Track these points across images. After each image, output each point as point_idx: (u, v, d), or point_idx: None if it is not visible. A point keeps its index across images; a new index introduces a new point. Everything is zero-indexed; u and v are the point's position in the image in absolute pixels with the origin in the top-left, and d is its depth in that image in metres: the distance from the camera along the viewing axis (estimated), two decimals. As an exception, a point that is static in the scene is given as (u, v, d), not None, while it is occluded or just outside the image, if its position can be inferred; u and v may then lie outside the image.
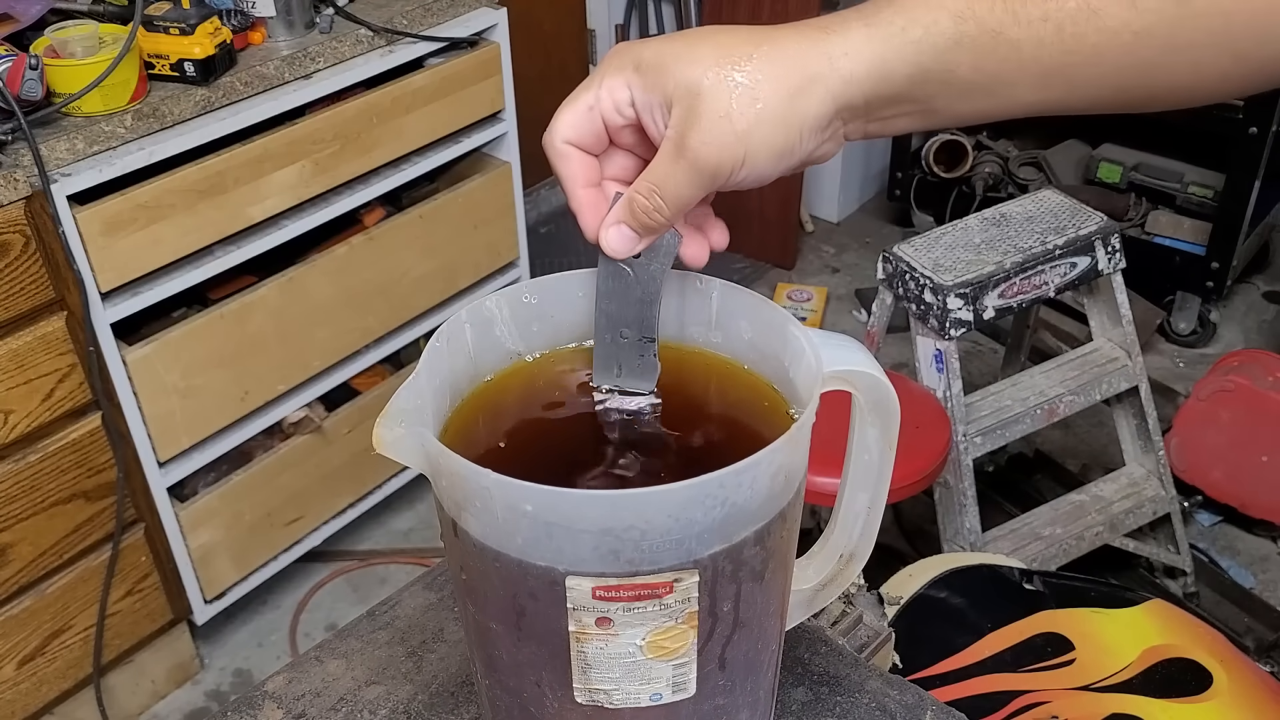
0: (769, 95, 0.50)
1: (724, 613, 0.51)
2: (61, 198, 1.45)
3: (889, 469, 0.60)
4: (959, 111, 0.53)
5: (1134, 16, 0.49)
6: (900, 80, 0.51)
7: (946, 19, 0.50)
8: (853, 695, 0.70)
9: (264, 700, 0.72)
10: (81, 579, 1.68)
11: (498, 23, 1.99)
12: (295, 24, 1.75)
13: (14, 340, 1.48)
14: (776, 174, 0.53)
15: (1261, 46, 0.49)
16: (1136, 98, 0.52)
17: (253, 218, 1.70)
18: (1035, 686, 1.18)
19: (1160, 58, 0.50)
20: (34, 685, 1.69)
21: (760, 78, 0.50)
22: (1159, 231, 2.60)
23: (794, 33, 0.52)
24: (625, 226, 0.55)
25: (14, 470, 1.54)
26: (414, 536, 2.24)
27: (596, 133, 0.55)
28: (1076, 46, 0.49)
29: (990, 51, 0.50)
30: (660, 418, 0.60)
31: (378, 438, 0.51)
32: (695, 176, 0.52)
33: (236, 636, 2.04)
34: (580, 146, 0.56)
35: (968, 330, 1.72)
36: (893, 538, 2.10)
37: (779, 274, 2.99)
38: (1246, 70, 0.50)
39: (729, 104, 0.50)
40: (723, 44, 0.51)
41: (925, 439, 1.62)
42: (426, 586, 0.80)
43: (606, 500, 0.47)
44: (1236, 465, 2.05)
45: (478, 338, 0.60)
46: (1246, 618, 2.01)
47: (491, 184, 2.09)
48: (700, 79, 0.51)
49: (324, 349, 1.90)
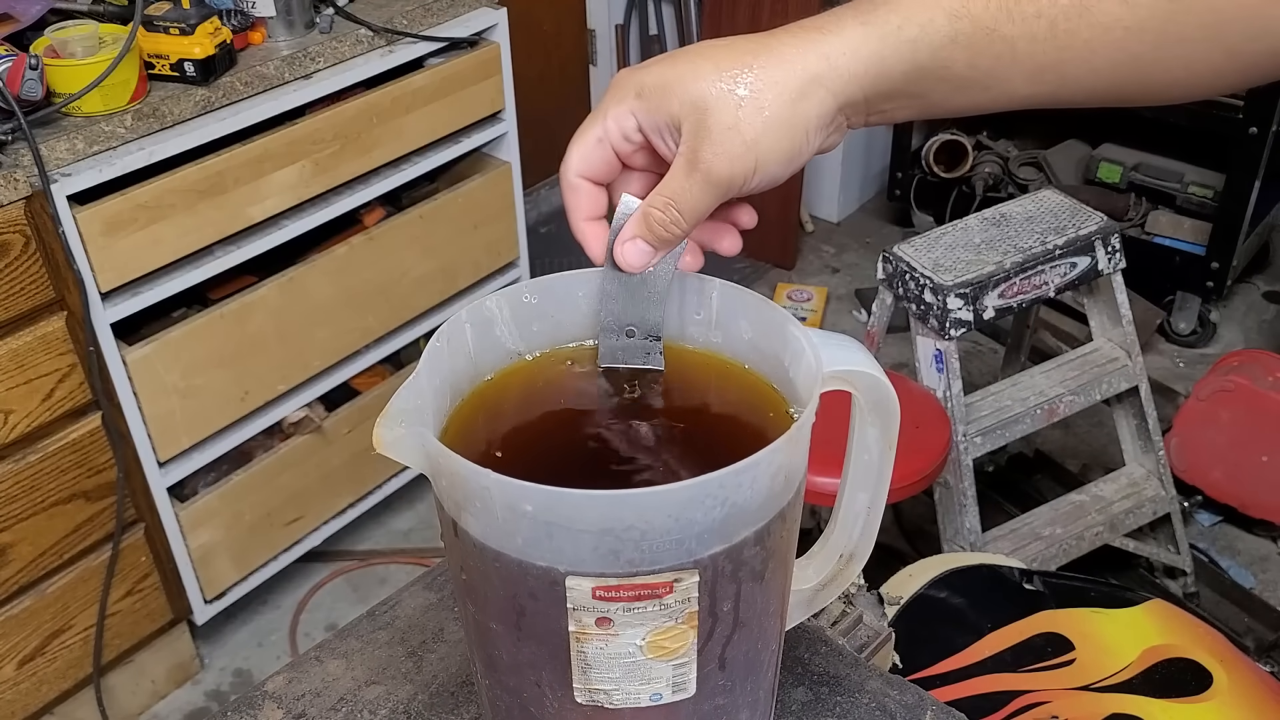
0: (773, 102, 0.51)
1: (724, 613, 0.51)
2: (61, 198, 1.45)
3: (889, 469, 0.60)
4: (955, 104, 0.54)
5: (1126, 12, 0.49)
6: (897, 77, 0.52)
7: (942, 17, 0.51)
8: (853, 695, 0.70)
9: (264, 700, 0.72)
10: (81, 579, 1.68)
11: (498, 23, 1.99)
12: (295, 24, 1.75)
13: (14, 340, 1.48)
14: (787, 174, 0.54)
15: (1252, 42, 0.49)
16: (1130, 92, 0.53)
17: (253, 218, 1.70)
18: (1035, 686, 1.18)
19: (1153, 53, 0.50)
20: (34, 685, 1.69)
21: (762, 87, 0.51)
22: (1159, 231, 2.60)
23: (790, 37, 0.53)
24: (641, 241, 0.56)
25: (14, 470, 1.54)
26: (414, 536, 2.24)
27: (608, 162, 0.57)
28: (1069, 42, 0.50)
29: (985, 48, 0.51)
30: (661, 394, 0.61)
31: (378, 438, 0.51)
32: (710, 189, 0.53)
33: (236, 636, 2.04)
34: (592, 178, 0.57)
35: (968, 330, 1.72)
36: (893, 538, 2.10)
37: (779, 274, 3.00)
38: (1239, 65, 0.51)
39: (736, 116, 0.51)
40: (722, 59, 0.53)
41: (925, 439, 1.62)
42: (426, 586, 0.80)
43: (606, 500, 0.47)
44: (1236, 465, 2.05)
45: (478, 338, 0.60)
46: (1246, 618, 2.01)
47: (491, 184, 2.09)
48: (704, 95, 0.52)
49: (324, 349, 1.90)
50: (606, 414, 0.61)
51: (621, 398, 0.61)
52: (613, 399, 0.61)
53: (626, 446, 0.59)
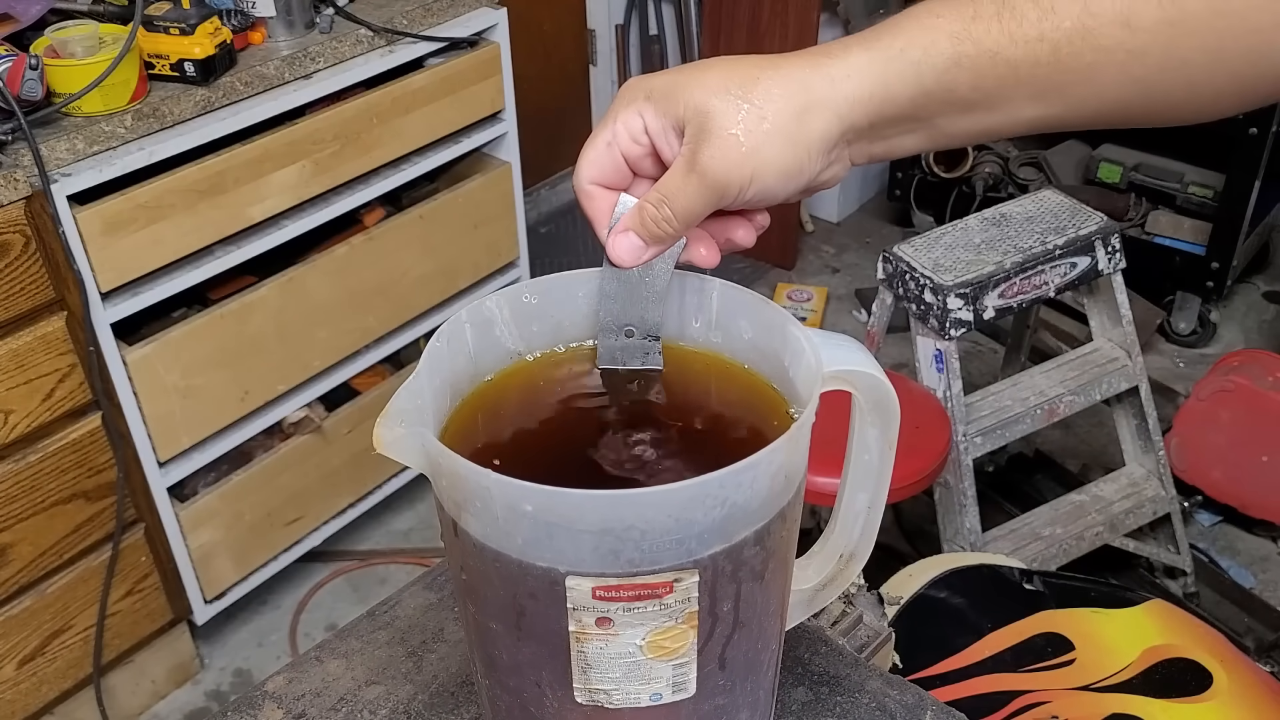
0: (775, 115, 0.52)
1: (724, 613, 0.51)
2: (61, 198, 1.45)
3: (889, 469, 0.60)
4: (961, 129, 0.55)
5: (1128, 36, 0.50)
6: (903, 100, 0.53)
7: (944, 40, 0.52)
8: (853, 695, 0.70)
9: (264, 700, 0.72)
10: (81, 579, 1.68)
11: (498, 23, 1.99)
12: (295, 24, 1.75)
13: (14, 340, 1.48)
14: (785, 194, 0.55)
15: (1254, 66, 0.50)
16: (1134, 114, 0.54)
17: (253, 218, 1.70)
18: (1035, 686, 1.18)
19: (1155, 76, 0.51)
20: (34, 685, 1.69)
21: (766, 99, 0.53)
22: (1159, 231, 2.60)
23: (798, 58, 0.54)
24: (634, 234, 0.56)
25: (14, 470, 1.54)
26: (414, 536, 2.24)
27: (618, 167, 0.57)
28: (1073, 65, 0.51)
29: (988, 71, 0.52)
30: (661, 394, 0.61)
31: (378, 438, 0.51)
32: (704, 191, 0.54)
33: (236, 636, 2.04)
34: (604, 184, 0.58)
35: (968, 330, 1.72)
36: (893, 538, 2.10)
37: (779, 274, 3.00)
38: (1241, 88, 0.51)
39: (737, 123, 0.52)
40: (730, 70, 0.54)
41: (925, 439, 1.62)
42: (426, 586, 0.80)
43: (606, 500, 0.47)
44: (1236, 465, 2.05)
45: (478, 338, 0.60)
46: (1246, 618, 2.01)
47: (491, 184, 2.09)
48: (709, 100, 0.53)
49: (324, 349, 1.90)
50: (606, 414, 0.61)
51: (621, 398, 0.61)
52: (613, 399, 0.61)
53: (626, 447, 0.59)
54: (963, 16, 0.52)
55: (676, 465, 0.57)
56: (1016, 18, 0.51)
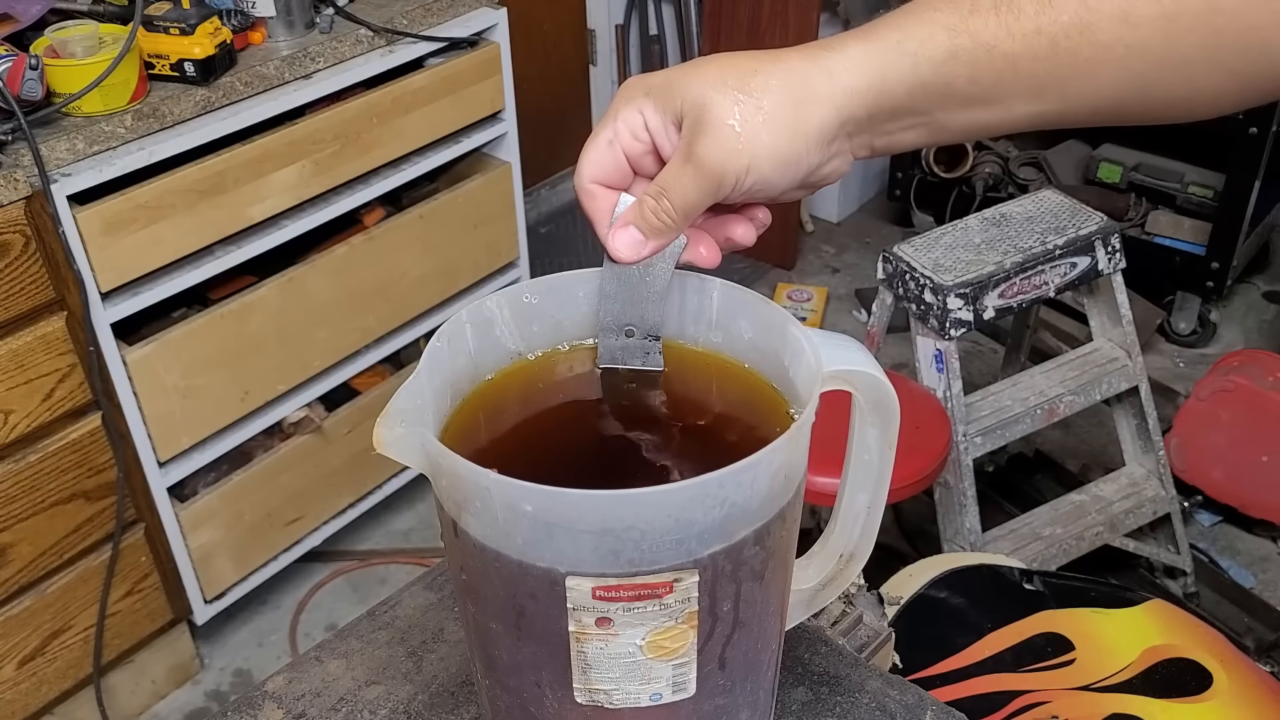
0: (771, 105, 0.52)
1: (724, 613, 0.51)
2: (61, 198, 1.45)
3: (889, 469, 0.60)
4: (961, 123, 0.55)
5: (1126, 31, 0.50)
6: (901, 93, 0.53)
7: (941, 33, 0.52)
8: (853, 695, 0.70)
9: (264, 700, 0.72)
10: (81, 579, 1.68)
11: (498, 23, 1.99)
12: (295, 24, 1.75)
13: (14, 340, 1.48)
14: (784, 185, 0.55)
15: (1252, 63, 0.50)
16: (1134, 111, 0.53)
17: (253, 218, 1.70)
18: (1035, 686, 1.18)
19: (1154, 72, 0.51)
20: (34, 685, 1.69)
21: (763, 90, 0.53)
22: (1159, 231, 2.60)
23: (796, 52, 0.54)
24: (634, 229, 0.56)
25: (14, 470, 1.54)
26: (414, 536, 2.24)
27: (619, 166, 0.57)
28: (1071, 60, 0.51)
29: (986, 64, 0.52)
30: (661, 394, 0.61)
31: (378, 438, 0.51)
32: (702, 181, 0.54)
33: (236, 636, 2.04)
34: (605, 183, 0.58)
35: (968, 330, 1.72)
36: (893, 538, 2.10)
37: (779, 274, 3.00)
38: (1240, 85, 0.51)
39: (733, 114, 0.52)
40: (728, 65, 0.54)
41: (925, 439, 1.62)
42: (426, 586, 0.80)
43: (606, 500, 0.47)
44: (1236, 465, 2.05)
45: (478, 338, 0.60)
46: (1246, 618, 2.01)
47: (491, 184, 2.09)
48: (706, 93, 0.53)
49: (324, 349, 1.90)
50: (606, 414, 0.61)
51: (621, 398, 0.61)
52: (612, 399, 0.61)
53: (626, 446, 0.59)
54: (960, 10, 0.52)
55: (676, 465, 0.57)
56: (1014, 11, 0.51)
